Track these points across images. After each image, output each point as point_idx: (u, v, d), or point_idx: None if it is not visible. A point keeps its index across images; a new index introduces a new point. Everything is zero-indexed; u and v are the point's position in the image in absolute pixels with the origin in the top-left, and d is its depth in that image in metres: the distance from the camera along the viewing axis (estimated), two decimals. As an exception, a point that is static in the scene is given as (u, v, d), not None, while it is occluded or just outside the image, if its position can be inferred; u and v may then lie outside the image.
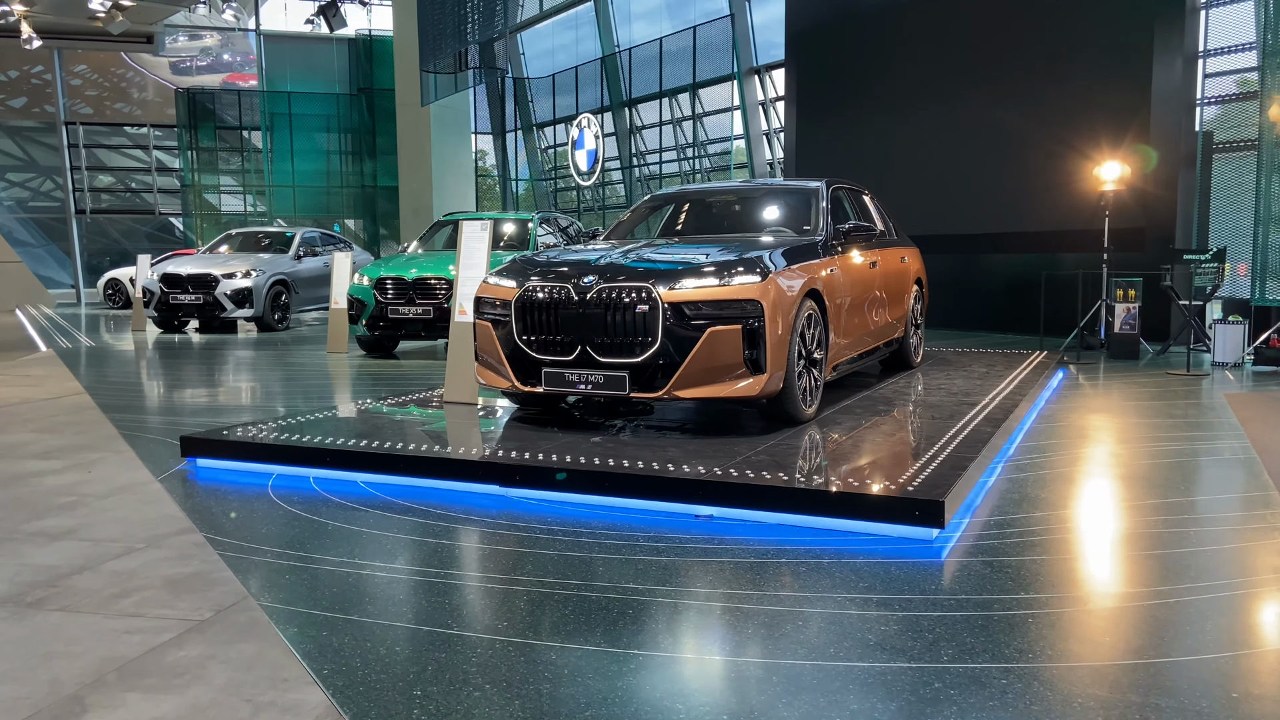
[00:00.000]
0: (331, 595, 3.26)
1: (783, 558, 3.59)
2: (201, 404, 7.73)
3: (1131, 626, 2.97)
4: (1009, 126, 12.77)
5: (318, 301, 16.37)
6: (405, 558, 3.69)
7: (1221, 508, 4.42)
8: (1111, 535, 3.95)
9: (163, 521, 4.17)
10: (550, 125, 23.83)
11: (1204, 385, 8.20)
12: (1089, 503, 4.50)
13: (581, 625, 2.96)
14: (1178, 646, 2.80)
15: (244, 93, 26.86)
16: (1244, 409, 6.91)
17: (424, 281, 10.46)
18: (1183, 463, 5.27)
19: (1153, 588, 3.29)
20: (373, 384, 8.74)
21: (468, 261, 6.41)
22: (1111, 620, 3.01)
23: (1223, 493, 4.77)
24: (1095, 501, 4.54)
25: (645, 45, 19.88)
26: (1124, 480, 4.86)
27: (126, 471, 5.17)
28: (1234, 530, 3.98)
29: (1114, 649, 2.80)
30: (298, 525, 4.12)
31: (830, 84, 15.42)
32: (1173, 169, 11.34)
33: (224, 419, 6.87)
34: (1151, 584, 3.34)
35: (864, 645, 2.78)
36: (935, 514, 3.70)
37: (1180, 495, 4.58)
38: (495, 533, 3.96)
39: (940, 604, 3.13)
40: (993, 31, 13.08)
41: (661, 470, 4.28)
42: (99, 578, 3.45)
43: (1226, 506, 4.45)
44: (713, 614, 3.05)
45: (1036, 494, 4.55)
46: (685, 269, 5.12)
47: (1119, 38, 11.69)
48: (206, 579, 3.42)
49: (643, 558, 3.61)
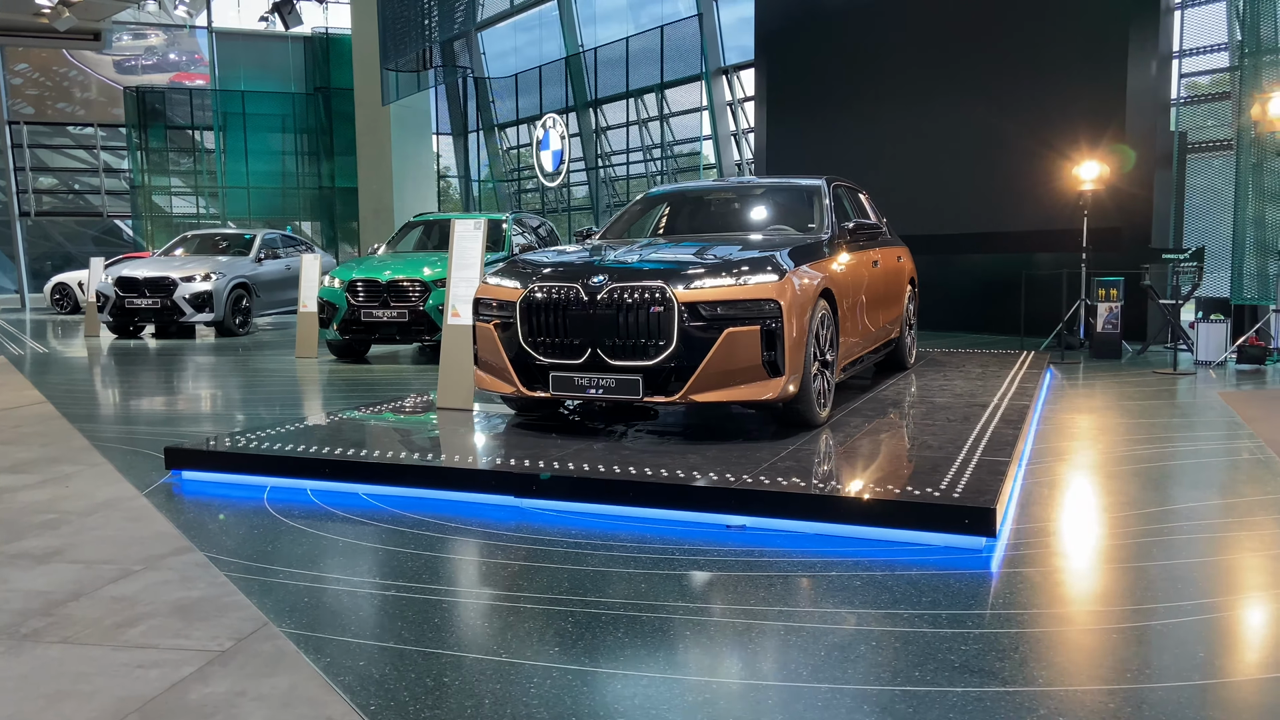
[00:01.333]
0: (360, 619, 3.01)
1: (832, 570, 3.41)
2: (173, 412, 7.37)
3: (1232, 637, 2.82)
4: (983, 126, 12.76)
5: (280, 305, 15.93)
6: (429, 576, 3.45)
7: (1266, 509, 4.31)
8: (1162, 540, 3.82)
9: (156, 540, 3.88)
10: (513, 126, 23.54)
11: (1194, 384, 8.18)
12: (1125, 506, 4.37)
13: (640, 649, 2.75)
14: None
15: (196, 92, 26.17)
16: (1244, 408, 6.88)
17: (398, 284, 10.16)
18: (1204, 464, 5.18)
19: (1233, 595, 3.15)
20: (349, 390, 8.43)
21: (461, 262, 6.16)
22: (1207, 632, 2.86)
23: (1258, 493, 4.67)
24: (1130, 505, 4.41)
25: (611, 45, 19.67)
26: (1150, 483, 4.75)
27: (107, 485, 4.85)
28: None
29: (1227, 664, 2.64)
30: (305, 542, 3.85)
31: (801, 84, 15.32)
32: (1148, 169, 11.38)
33: (200, 428, 6.54)
34: (1232, 590, 3.20)
35: (950, 668, 2.60)
36: (987, 522, 3.54)
37: (1216, 497, 4.47)
38: (520, 547, 3.73)
39: (1012, 619, 2.96)
40: (967, 31, 13.07)
41: (688, 479, 4.07)
42: (98, 604, 3.16)
43: (1268, 509, 4.35)
44: (777, 635, 2.85)
45: (1067, 498, 4.42)
46: (699, 268, 4.92)
47: (1094, 38, 11.71)
48: (217, 604, 3.15)
49: (684, 573, 3.40)
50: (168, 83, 27.75)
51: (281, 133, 26.45)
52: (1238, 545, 3.76)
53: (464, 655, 2.73)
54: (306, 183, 26.40)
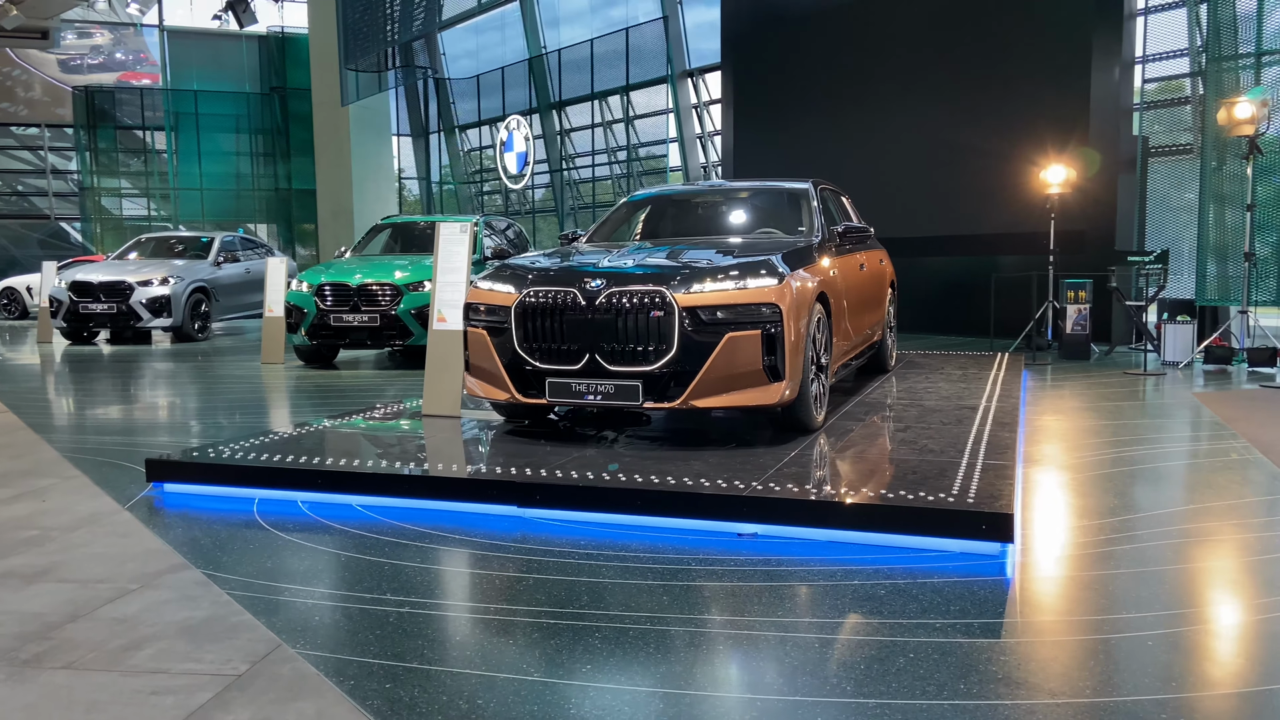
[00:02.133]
0: (378, 638, 2.90)
1: (853, 579, 3.36)
2: (143, 422, 7.16)
3: (1277, 641, 2.81)
4: (950, 130, 12.86)
5: (240, 309, 15.63)
6: (443, 591, 3.34)
7: (1272, 511, 4.35)
8: (1177, 543, 3.82)
9: (149, 557, 3.73)
10: (474, 127, 23.33)
11: (1167, 385, 8.28)
12: (1129, 510, 4.38)
13: (676, 666, 2.67)
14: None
15: (147, 91, 25.59)
16: (1221, 408, 6.97)
17: (369, 288, 9.98)
18: (1196, 465, 5.23)
19: (1270, 598, 3.15)
20: (322, 397, 8.26)
21: (447, 265, 6.04)
22: (1252, 638, 2.85)
23: (1259, 495, 4.71)
24: (1134, 508, 4.42)
25: (575, 47, 19.57)
26: (1148, 486, 4.78)
27: (86, 500, 4.67)
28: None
29: (1267, 670, 2.63)
30: (305, 556, 3.73)
31: (769, 87, 15.35)
32: (1111, 173, 11.54)
33: (173, 439, 6.36)
34: (1269, 593, 3.20)
35: (993, 679, 2.56)
36: (1004, 527, 3.51)
37: (1217, 499, 4.50)
38: (530, 559, 3.63)
39: (1044, 627, 2.94)
40: (934, 36, 13.17)
41: (697, 487, 4.00)
42: (98, 626, 3.02)
43: (1273, 510, 4.38)
44: (813, 648, 2.79)
45: (1072, 501, 4.42)
46: (699, 271, 4.86)
47: (1059, 43, 11.85)
48: (225, 624, 3.03)
49: (705, 584, 3.34)
50: (114, 82, 27.11)
51: (235, 133, 25.97)
52: (1252, 549, 3.77)
53: (495, 675, 2.63)
54: (261, 184, 25.95)
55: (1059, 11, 11.85)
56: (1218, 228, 10.17)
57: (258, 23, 24.49)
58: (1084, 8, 11.61)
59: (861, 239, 6.27)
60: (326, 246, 22.22)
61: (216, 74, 25.70)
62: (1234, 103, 9.14)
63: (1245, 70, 9.94)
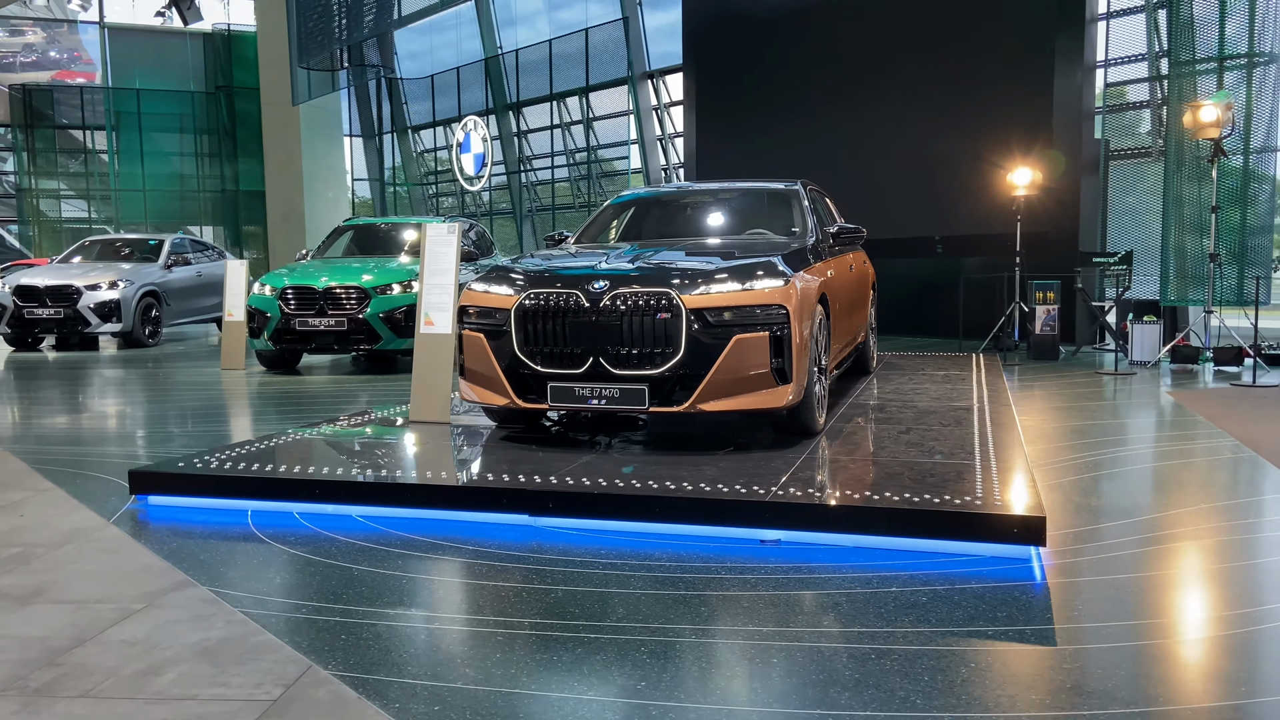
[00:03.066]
0: (414, 657, 2.76)
1: (890, 585, 3.28)
2: (110, 431, 6.88)
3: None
4: (915, 132, 12.95)
5: (192, 314, 15.23)
6: (469, 605, 3.20)
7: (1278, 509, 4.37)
8: (1204, 543, 3.81)
9: (146, 574, 3.54)
10: (428, 128, 23.01)
11: (1140, 385, 8.38)
12: (1142, 510, 4.37)
13: (734, 680, 2.57)
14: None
15: (87, 90, 24.82)
16: (1200, 407, 7.05)
17: (335, 291, 9.73)
18: (1195, 464, 5.26)
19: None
20: (293, 403, 8.02)
21: (434, 268, 5.87)
22: None
23: (1258, 494, 4.74)
24: (1146, 508, 4.42)
25: (532, 48, 19.39)
26: (1152, 484, 4.79)
27: (66, 513, 4.44)
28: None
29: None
30: (314, 571, 3.56)
31: (732, 88, 15.33)
32: (1074, 175, 11.69)
33: (145, 449, 6.11)
34: None
35: (1063, 689, 2.50)
36: (1038, 531, 3.46)
37: (1226, 498, 4.52)
38: (551, 570, 3.50)
39: (1099, 633, 2.88)
40: (899, 38, 13.24)
41: (717, 493, 3.91)
42: (109, 650, 2.83)
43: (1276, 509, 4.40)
44: (869, 659, 2.71)
45: (1084, 502, 4.40)
46: (705, 273, 4.77)
47: (1023, 47, 11.98)
48: (246, 645, 2.86)
49: (741, 594, 3.24)
50: (49, 81, 26.27)
51: (179, 133, 25.31)
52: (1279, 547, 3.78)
53: (545, 695, 2.51)
54: (207, 186, 25.33)
55: (1023, 15, 11.99)
56: (1180, 229, 10.34)
57: (203, 20, 23.95)
58: (1047, 12, 11.75)
59: (854, 240, 6.23)
60: (277, 249, 21.76)
61: (159, 72, 25.01)
62: (1200, 106, 9.29)
63: (1207, 75, 10.11)
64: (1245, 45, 9.87)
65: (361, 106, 24.98)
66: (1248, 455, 5.38)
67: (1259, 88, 9.85)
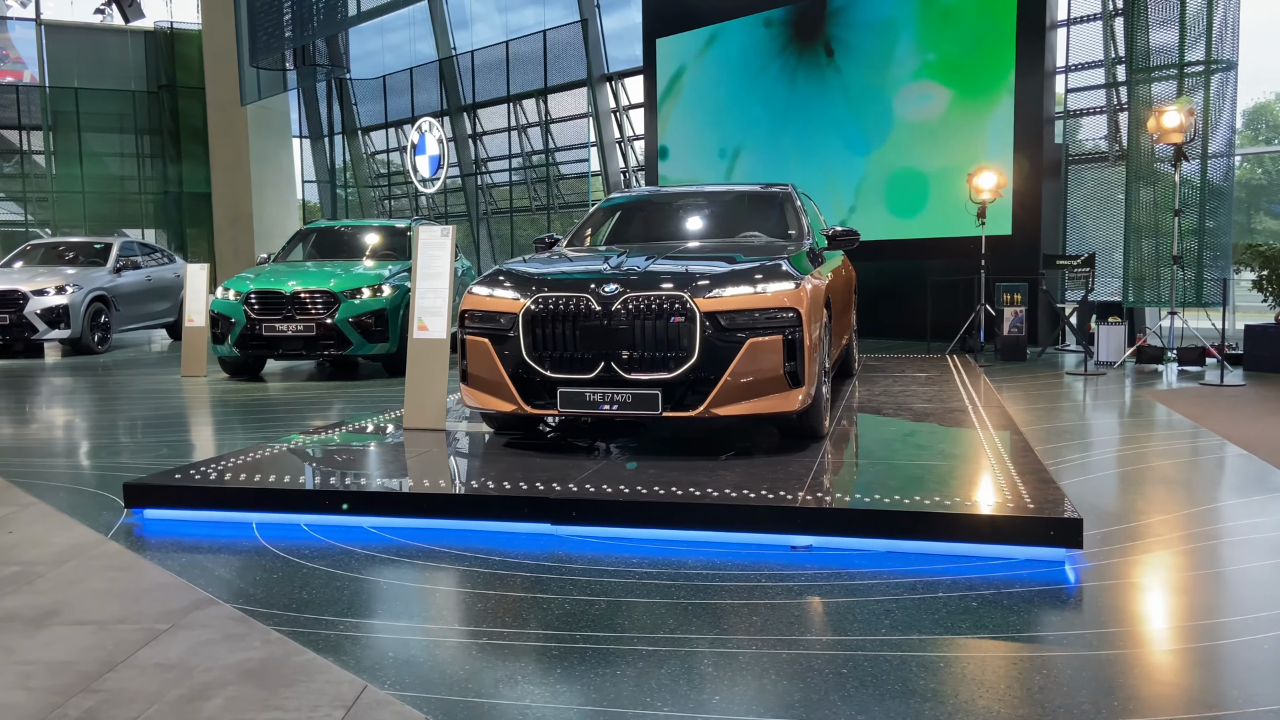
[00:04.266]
0: (474, 675, 2.66)
1: (937, 591, 3.26)
2: (82, 442, 6.63)
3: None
4: (879, 136, 13.07)
5: (141, 319, 14.81)
6: (513, 619, 3.10)
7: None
8: (1228, 541, 3.85)
9: (163, 592, 3.38)
10: (379, 129, 22.68)
11: (1112, 385, 8.52)
12: (1161, 510, 4.42)
13: (811, 691, 2.51)
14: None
15: (23, 89, 24.01)
16: (1180, 406, 7.18)
17: (303, 296, 9.50)
18: (1193, 463, 5.34)
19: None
20: (269, 411, 7.81)
21: (427, 271, 5.74)
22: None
23: (1265, 491, 4.82)
24: (1164, 508, 4.46)
25: (488, 49, 19.20)
26: (1158, 484, 4.84)
27: (58, 529, 4.24)
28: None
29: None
30: (340, 586, 3.43)
31: (693, 91, 15.32)
32: (1036, 180, 11.88)
33: (124, 460, 5.89)
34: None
35: (1155, 696, 2.49)
36: (1073, 533, 3.47)
37: (1236, 497, 4.58)
38: (589, 580, 3.42)
39: (1163, 635, 2.89)
40: (863, 42, 13.35)
41: (745, 499, 3.86)
42: (145, 675, 2.69)
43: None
44: (939, 669, 2.68)
45: (1094, 502, 4.43)
46: (717, 276, 4.72)
47: (985, 52, 12.14)
48: (291, 665, 2.74)
49: (791, 602, 3.19)
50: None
51: (119, 134, 24.61)
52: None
53: (622, 712, 2.43)
54: (150, 187, 24.65)
55: (985, 21, 12.15)
56: (1138, 232, 10.55)
57: (144, 17, 23.33)
58: (1008, 17, 11.92)
59: (848, 244, 6.23)
60: (224, 253, 21.28)
61: (99, 71, 24.26)
62: (1163, 111, 9.49)
63: (1166, 81, 10.33)
64: (1203, 52, 10.10)
65: (309, 107, 24.53)
66: (1241, 454, 5.48)
67: (1216, 94, 10.09)
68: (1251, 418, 6.75)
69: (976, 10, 12.20)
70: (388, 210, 22.72)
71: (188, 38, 23.84)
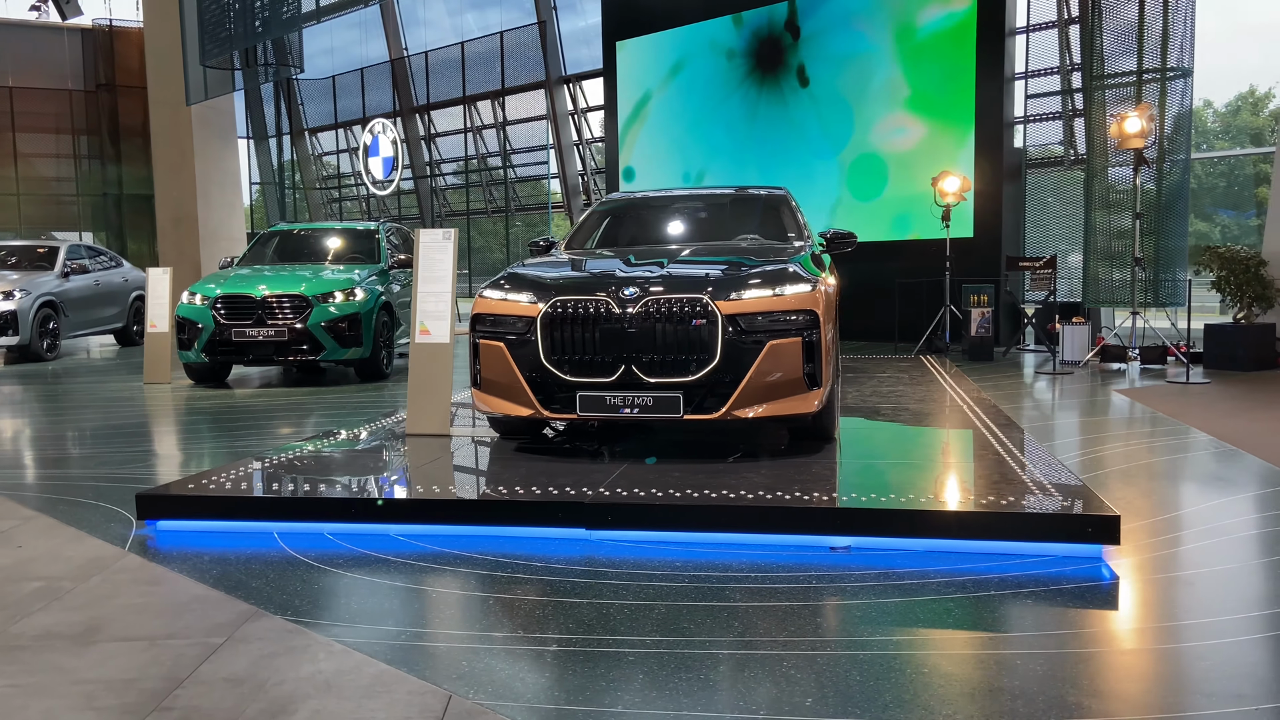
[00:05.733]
0: (552, 681, 2.63)
1: (988, 589, 3.31)
2: (60, 453, 6.42)
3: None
4: (842, 138, 13.22)
5: (90, 325, 14.39)
6: (576, 624, 3.06)
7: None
8: (1248, 535, 3.96)
9: (205, 606, 3.29)
10: (330, 130, 22.32)
11: (1082, 383, 8.73)
12: (1168, 506, 4.53)
13: (884, 692, 2.54)
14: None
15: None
16: (1155, 403, 7.38)
17: (275, 300, 9.31)
18: (1188, 459, 5.49)
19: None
20: (249, 418, 7.64)
21: (428, 275, 5.67)
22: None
23: (1267, 486, 4.97)
24: (1170, 504, 4.57)
25: (442, 50, 19.02)
26: (1167, 480, 4.97)
27: (69, 542, 4.11)
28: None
29: None
30: (387, 594, 3.38)
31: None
32: (996, 183, 12.13)
33: (113, 471, 5.72)
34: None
35: (1212, 691, 2.55)
36: (1112, 529, 3.55)
37: (1238, 491, 4.72)
38: (638, 584, 3.40)
39: (1217, 629, 2.97)
40: (826, 46, 13.50)
41: (776, 501, 3.88)
42: (215, 690, 2.62)
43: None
44: (1017, 666, 2.72)
45: (1113, 498, 4.54)
46: (736, 279, 4.74)
47: (946, 58, 12.36)
48: (365, 675, 2.68)
49: (851, 602, 3.21)
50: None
51: (55, 134, 23.88)
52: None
53: (720, 716, 2.42)
54: (88, 189, 23.94)
55: (946, 27, 12.37)
56: (1097, 234, 10.83)
57: (82, 14, 22.69)
58: (968, 24, 12.16)
59: (846, 245, 6.29)
60: (167, 256, 20.70)
61: (34, 69, 23.51)
62: (1125, 117, 9.75)
63: (1123, 88, 10.62)
64: (1158, 59, 10.40)
65: (253, 108, 24.05)
66: (1228, 449, 5.65)
67: (1172, 101, 10.40)
68: (1230, 414, 6.96)
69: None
70: (337, 213, 22.36)
71: (128, 35, 23.21)
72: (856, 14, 13.18)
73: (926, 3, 12.52)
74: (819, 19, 13.53)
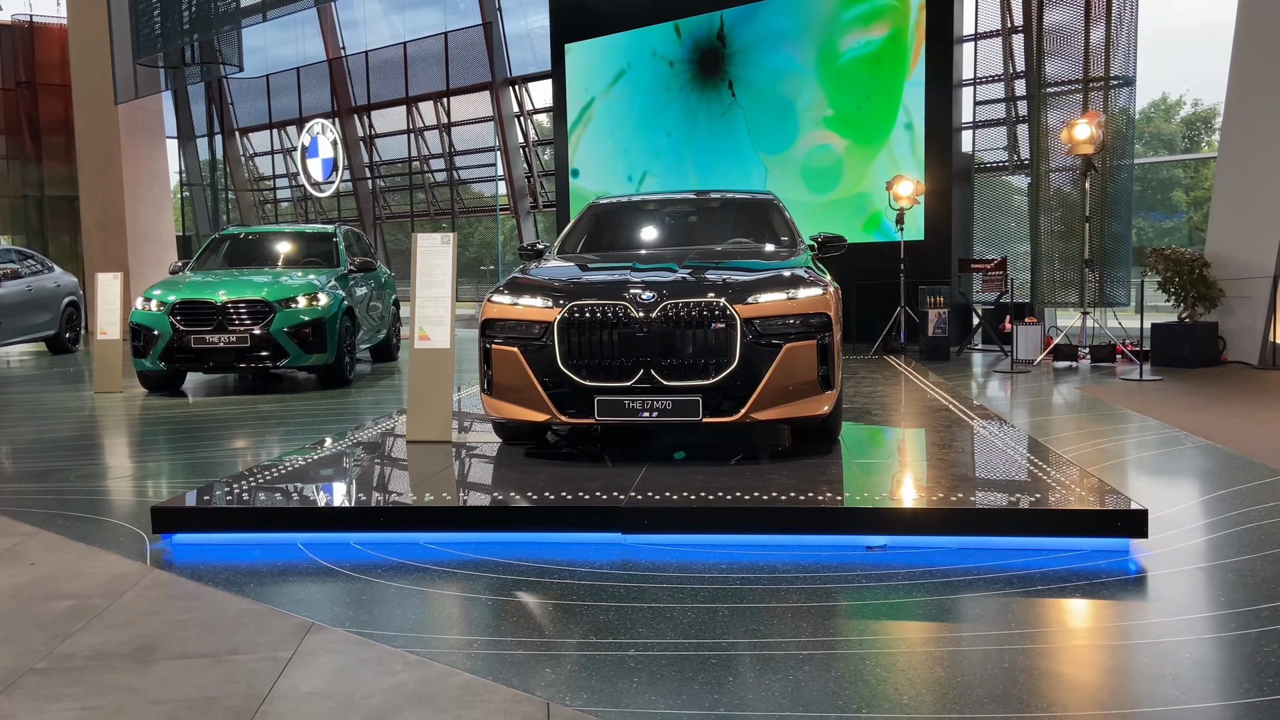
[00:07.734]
0: (643, 686, 2.64)
1: (1035, 584, 3.40)
2: (36, 468, 6.18)
3: None
4: (788, 141, 13.41)
5: (22, 332, 13.86)
6: (646, 629, 3.07)
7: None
8: (1260, 525, 4.14)
9: (258, 620, 3.22)
10: (264, 130, 21.83)
11: (1041, 381, 9.00)
12: (1172, 500, 4.70)
13: (979, 687, 2.60)
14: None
15: None
16: (1118, 400, 7.65)
17: (235, 305, 9.08)
18: (1171, 453, 5.70)
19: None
20: (218, 427, 7.45)
21: (428, 280, 5.60)
22: None
23: (1261, 479, 5.18)
24: (1172, 498, 4.74)
25: (385, 49, 18.76)
26: (1162, 474, 5.16)
27: (83, 558, 3.97)
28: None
29: None
30: (442, 603, 3.34)
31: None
32: (945, 188, 12.43)
33: (101, 484, 5.54)
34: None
35: None
36: (1139, 523, 3.68)
37: (1238, 483, 4.92)
38: (689, 588, 3.42)
39: (1260, 616, 3.10)
40: (773, 51, 13.67)
41: (810, 502, 3.94)
42: (302, 706, 2.57)
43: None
44: (1086, 658, 2.81)
45: (1116, 494, 4.70)
46: (751, 283, 4.79)
47: (894, 65, 12.63)
48: (452, 685, 2.66)
49: (905, 600, 3.28)
50: None
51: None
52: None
53: (805, 715, 2.46)
54: (6, 190, 23.03)
55: (893, 33, 12.63)
56: (1049, 237, 11.17)
57: (1, 10, 21.81)
58: (914, 31, 12.43)
59: (837, 249, 6.38)
60: (94, 259, 20.01)
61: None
62: (1075, 124, 10.07)
63: (1068, 94, 10.98)
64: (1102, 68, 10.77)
65: (179, 107, 23.39)
66: (1204, 444, 5.88)
67: (1115, 107, 10.77)
68: (1192, 409, 7.25)
69: (886, 21, 12.69)
70: (272, 216, 21.88)
71: (49, 32, 22.39)
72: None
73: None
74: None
